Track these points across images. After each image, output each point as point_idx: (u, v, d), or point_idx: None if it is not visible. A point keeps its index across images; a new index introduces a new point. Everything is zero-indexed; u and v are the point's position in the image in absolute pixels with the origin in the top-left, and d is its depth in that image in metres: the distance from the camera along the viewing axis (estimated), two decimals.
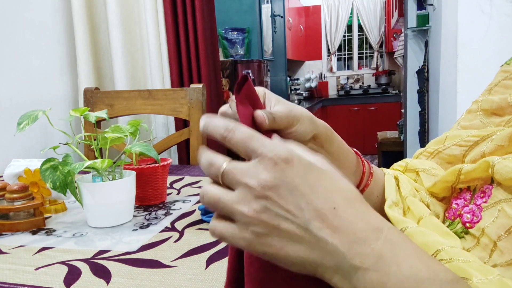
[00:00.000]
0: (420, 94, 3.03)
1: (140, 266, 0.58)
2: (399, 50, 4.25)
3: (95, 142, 0.80)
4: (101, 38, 1.71)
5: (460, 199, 0.42)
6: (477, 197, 0.40)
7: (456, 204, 0.42)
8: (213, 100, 1.77)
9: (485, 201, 0.39)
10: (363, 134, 5.58)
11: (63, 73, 1.61)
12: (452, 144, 0.46)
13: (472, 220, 0.39)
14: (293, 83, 5.48)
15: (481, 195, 0.40)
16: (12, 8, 1.37)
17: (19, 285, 0.54)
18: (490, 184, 0.39)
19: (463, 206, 0.41)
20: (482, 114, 0.47)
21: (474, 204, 0.40)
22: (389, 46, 5.57)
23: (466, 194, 0.42)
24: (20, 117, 0.74)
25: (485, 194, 0.39)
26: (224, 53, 2.91)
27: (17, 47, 1.39)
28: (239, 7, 3.00)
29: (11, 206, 0.75)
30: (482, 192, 0.40)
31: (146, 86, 1.76)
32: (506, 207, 0.36)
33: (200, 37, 1.69)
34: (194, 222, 0.75)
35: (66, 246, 0.67)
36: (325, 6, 5.91)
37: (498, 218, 0.36)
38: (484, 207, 0.39)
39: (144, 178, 0.84)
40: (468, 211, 0.40)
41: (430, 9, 2.74)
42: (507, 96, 0.44)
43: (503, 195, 0.37)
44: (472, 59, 1.85)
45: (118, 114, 1.43)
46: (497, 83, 0.47)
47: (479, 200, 0.40)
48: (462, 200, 0.42)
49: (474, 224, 0.39)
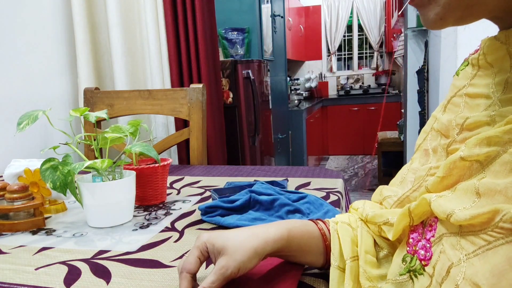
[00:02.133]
0: (420, 94, 3.03)
1: (140, 266, 0.58)
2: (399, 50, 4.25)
3: (95, 142, 0.80)
4: (101, 38, 1.71)
5: (416, 232, 0.42)
6: (426, 231, 0.41)
7: (412, 239, 0.43)
8: (213, 100, 1.78)
9: (433, 235, 0.39)
10: (363, 134, 5.58)
11: (63, 73, 1.61)
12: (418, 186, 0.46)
13: (425, 257, 0.39)
14: (293, 83, 5.48)
15: (429, 228, 0.40)
16: (12, 8, 1.37)
17: (19, 285, 0.54)
18: (436, 217, 0.39)
19: (417, 241, 0.42)
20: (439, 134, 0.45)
21: (425, 238, 0.40)
22: (389, 46, 5.57)
23: (419, 226, 0.42)
24: (20, 117, 0.74)
25: (432, 228, 0.40)
26: (224, 53, 2.91)
27: (17, 47, 1.39)
28: (239, 7, 3.00)
29: (11, 206, 0.75)
30: (429, 226, 0.40)
31: (146, 86, 1.76)
32: (445, 243, 0.36)
33: (200, 37, 1.69)
34: (194, 222, 0.75)
35: (66, 246, 0.67)
36: (325, 6, 5.91)
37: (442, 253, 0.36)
38: (433, 242, 0.39)
39: (144, 178, 0.85)
40: (421, 246, 0.41)
41: None
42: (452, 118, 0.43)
43: (443, 229, 0.37)
44: None
45: (118, 114, 1.43)
46: (449, 100, 0.45)
47: (429, 234, 0.40)
48: (416, 234, 0.42)
49: (428, 261, 0.39)
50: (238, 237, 0.47)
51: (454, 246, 0.35)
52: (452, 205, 0.36)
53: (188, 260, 0.47)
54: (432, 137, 0.48)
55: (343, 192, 0.95)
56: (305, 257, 0.51)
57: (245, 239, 0.46)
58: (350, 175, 4.69)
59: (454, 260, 0.34)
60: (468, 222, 0.33)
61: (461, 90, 0.44)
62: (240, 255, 0.45)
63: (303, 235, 0.50)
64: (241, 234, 0.47)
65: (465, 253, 0.33)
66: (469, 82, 0.43)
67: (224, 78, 2.40)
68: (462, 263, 0.33)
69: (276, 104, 3.57)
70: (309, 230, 0.51)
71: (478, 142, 0.35)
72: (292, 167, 1.16)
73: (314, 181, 1.00)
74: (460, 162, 0.37)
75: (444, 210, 0.36)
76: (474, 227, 0.33)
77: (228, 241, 0.46)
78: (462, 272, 0.33)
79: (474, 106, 0.41)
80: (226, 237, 0.47)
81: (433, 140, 0.47)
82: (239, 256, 0.45)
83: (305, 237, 0.50)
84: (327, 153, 5.81)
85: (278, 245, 0.48)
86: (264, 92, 2.96)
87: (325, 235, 0.52)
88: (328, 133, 5.73)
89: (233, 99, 2.42)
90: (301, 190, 0.91)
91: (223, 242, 0.46)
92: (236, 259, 0.45)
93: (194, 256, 0.47)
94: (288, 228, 0.49)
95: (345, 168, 5.06)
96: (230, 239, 0.46)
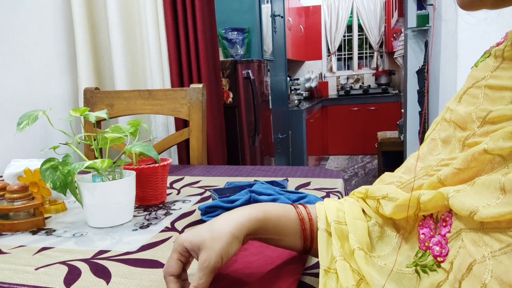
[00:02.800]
0: (420, 94, 3.03)
1: (140, 266, 0.58)
2: (399, 50, 4.25)
3: (95, 142, 0.80)
4: (101, 38, 1.71)
5: (426, 227, 0.42)
6: (440, 226, 0.40)
7: (423, 234, 0.42)
8: (213, 100, 1.78)
9: (448, 231, 0.38)
10: (363, 134, 5.58)
11: (63, 73, 1.61)
12: (424, 174, 0.44)
13: (441, 253, 0.39)
14: (293, 83, 5.48)
15: (443, 224, 0.39)
16: (12, 8, 1.37)
17: (19, 285, 0.54)
18: (450, 211, 0.39)
19: (430, 237, 0.41)
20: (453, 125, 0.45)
21: (440, 234, 0.40)
22: (389, 46, 5.57)
23: (429, 221, 0.41)
24: (20, 117, 0.74)
25: (447, 223, 0.39)
26: (224, 53, 2.91)
27: (17, 47, 1.39)
28: (239, 7, 3.00)
29: (11, 206, 0.75)
30: (443, 221, 0.39)
31: (146, 86, 1.76)
32: (466, 239, 0.35)
33: (200, 37, 1.69)
34: (194, 222, 0.75)
35: (66, 246, 0.67)
36: (325, 6, 5.91)
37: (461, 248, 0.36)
38: (449, 238, 0.38)
39: (144, 178, 0.84)
40: (436, 242, 0.40)
41: (430, 9, 2.74)
42: (471, 110, 0.42)
43: (462, 225, 0.36)
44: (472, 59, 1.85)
45: (118, 114, 1.43)
46: (466, 91, 0.45)
47: (443, 230, 0.39)
48: (428, 230, 0.41)
49: (444, 258, 0.38)
50: (213, 227, 0.47)
51: (476, 243, 0.34)
52: (473, 201, 0.35)
53: (169, 264, 0.47)
54: (442, 127, 0.47)
55: (343, 192, 0.95)
56: (283, 240, 0.51)
57: (220, 227, 0.46)
58: (350, 175, 4.69)
59: (477, 257, 0.33)
60: (495, 219, 0.33)
61: (480, 81, 0.43)
62: (219, 243, 0.45)
63: (279, 217, 0.50)
64: (216, 223, 0.47)
65: (490, 250, 0.32)
66: (490, 74, 0.42)
67: (224, 78, 2.40)
68: (487, 261, 0.32)
69: (276, 104, 3.57)
70: (286, 213, 0.51)
71: (504, 135, 0.35)
72: (292, 167, 1.16)
73: (314, 181, 1.00)
74: (481, 156, 0.36)
75: (466, 207, 0.35)
76: (500, 224, 0.33)
77: (204, 234, 0.46)
78: (489, 271, 0.32)
79: (496, 99, 0.40)
80: (201, 231, 0.47)
81: (443, 130, 0.46)
82: (218, 245, 0.45)
83: (282, 220, 0.50)
84: (327, 153, 5.81)
85: (254, 226, 0.48)
86: (264, 92, 2.96)
87: (304, 219, 0.51)
88: (328, 133, 5.73)
89: (233, 99, 2.42)
90: (301, 190, 0.91)
91: (200, 236, 0.46)
92: (216, 248, 0.45)
93: (174, 259, 0.47)
94: (263, 210, 0.49)
95: (345, 168, 5.06)
96: (205, 231, 0.47)
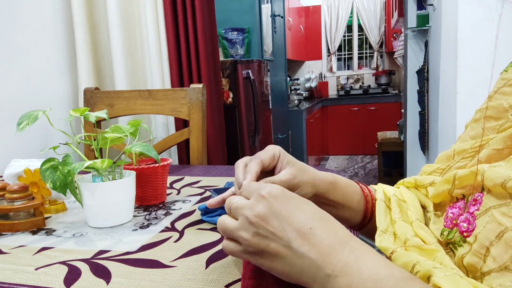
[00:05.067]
0: (420, 94, 3.03)
1: (140, 266, 0.58)
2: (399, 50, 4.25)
3: (95, 142, 0.80)
4: (101, 38, 1.71)
5: (455, 208, 0.44)
6: (469, 206, 0.42)
7: (452, 213, 0.44)
8: (213, 100, 1.78)
9: (477, 209, 0.40)
10: (363, 134, 5.58)
11: (63, 73, 1.61)
12: (461, 158, 0.48)
13: (468, 229, 0.41)
14: (293, 83, 5.48)
15: (473, 203, 0.41)
16: (12, 8, 1.37)
17: (19, 285, 0.54)
18: (481, 192, 0.41)
19: (458, 215, 0.43)
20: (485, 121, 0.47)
21: (468, 212, 0.41)
22: (389, 46, 5.57)
23: (460, 203, 0.44)
24: (20, 117, 0.74)
25: (476, 202, 0.41)
26: (224, 53, 2.91)
27: (17, 47, 1.39)
28: (239, 7, 3.00)
29: (11, 206, 0.75)
30: (474, 200, 0.41)
31: (146, 86, 1.76)
32: (495, 213, 0.37)
33: (200, 37, 1.69)
34: (194, 222, 0.75)
35: (66, 246, 0.67)
36: (325, 6, 5.91)
37: (488, 223, 0.37)
38: (477, 215, 0.40)
39: (144, 178, 0.84)
40: (463, 220, 0.42)
41: (430, 9, 2.74)
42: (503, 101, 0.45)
43: (492, 202, 0.38)
44: (472, 59, 1.85)
45: (118, 114, 1.43)
46: (496, 90, 0.48)
47: (472, 208, 0.41)
48: (457, 209, 0.44)
49: (470, 233, 0.40)
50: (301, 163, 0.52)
51: (505, 214, 0.36)
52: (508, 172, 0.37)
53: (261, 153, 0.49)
54: (471, 128, 0.50)
55: None
56: (345, 210, 0.54)
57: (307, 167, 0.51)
58: (350, 175, 4.69)
59: (509, 225, 0.35)
60: None
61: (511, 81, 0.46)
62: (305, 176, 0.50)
63: (347, 186, 0.54)
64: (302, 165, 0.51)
65: None
66: None
67: (224, 78, 2.40)
68: None
69: (276, 104, 3.57)
70: (352, 184, 0.55)
71: None
72: None
73: None
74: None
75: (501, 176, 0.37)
76: None
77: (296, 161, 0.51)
78: None
79: None
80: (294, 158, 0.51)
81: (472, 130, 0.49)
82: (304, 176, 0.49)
83: (349, 189, 0.54)
84: (327, 153, 5.81)
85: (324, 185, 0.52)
86: (264, 92, 2.96)
87: (366, 194, 0.55)
88: (328, 133, 5.73)
89: (233, 99, 2.42)
90: None
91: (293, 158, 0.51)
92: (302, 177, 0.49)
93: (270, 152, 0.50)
94: (333, 176, 0.53)
95: (345, 168, 5.06)
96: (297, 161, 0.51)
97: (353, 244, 0.37)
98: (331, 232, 0.38)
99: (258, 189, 0.41)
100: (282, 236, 0.38)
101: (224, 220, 0.42)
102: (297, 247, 0.37)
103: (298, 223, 0.38)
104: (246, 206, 0.40)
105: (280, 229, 0.38)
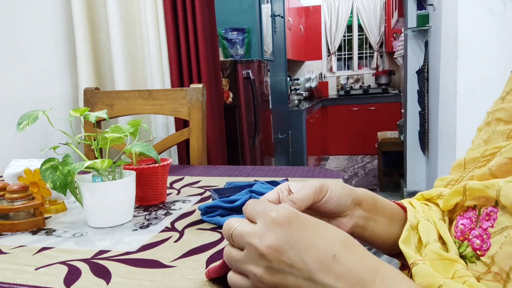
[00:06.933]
0: (420, 94, 3.03)
1: (140, 266, 0.58)
2: (399, 50, 4.25)
3: (95, 142, 0.79)
4: (101, 38, 1.71)
5: (466, 218, 0.42)
6: (482, 220, 0.39)
7: (463, 225, 0.41)
8: (213, 100, 1.78)
9: (491, 225, 0.38)
10: (363, 134, 5.58)
11: (63, 73, 1.61)
12: (473, 168, 0.45)
13: (481, 247, 0.38)
14: (293, 83, 5.48)
15: (486, 217, 0.39)
16: (12, 8, 1.37)
17: (19, 285, 0.54)
18: (495, 206, 0.38)
19: (470, 229, 0.40)
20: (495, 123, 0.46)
21: (481, 227, 0.39)
22: (389, 46, 5.57)
23: (471, 213, 0.41)
24: (20, 117, 0.74)
25: (490, 218, 0.38)
26: (224, 53, 2.91)
27: (17, 47, 1.39)
28: (239, 7, 3.00)
29: (11, 206, 0.75)
30: (487, 215, 0.39)
31: (146, 86, 1.76)
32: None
33: (200, 37, 1.69)
34: (194, 222, 0.75)
35: (66, 246, 0.67)
36: (325, 6, 5.92)
37: (504, 245, 0.35)
38: (492, 233, 0.37)
39: (144, 178, 0.84)
40: (476, 235, 0.39)
41: (430, 9, 2.74)
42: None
43: (509, 221, 0.36)
44: (472, 59, 1.85)
45: (118, 114, 1.43)
46: (509, 91, 0.46)
47: (485, 224, 0.39)
48: (468, 221, 0.41)
49: (484, 252, 0.38)
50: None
51: None
52: None
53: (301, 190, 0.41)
54: (484, 131, 0.48)
55: None
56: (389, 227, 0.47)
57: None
58: (350, 175, 4.69)
59: None
60: None
61: None
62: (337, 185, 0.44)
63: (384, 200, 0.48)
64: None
65: None
66: None
67: (224, 78, 2.40)
68: None
69: (276, 104, 3.57)
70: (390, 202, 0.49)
71: None
72: (292, 167, 1.16)
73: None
74: None
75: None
76: None
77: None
78: None
79: None
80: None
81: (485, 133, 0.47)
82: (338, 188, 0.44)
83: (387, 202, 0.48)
84: (327, 153, 5.81)
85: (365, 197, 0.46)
86: (264, 92, 2.96)
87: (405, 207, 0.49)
88: (328, 133, 5.73)
89: (233, 99, 2.42)
90: None
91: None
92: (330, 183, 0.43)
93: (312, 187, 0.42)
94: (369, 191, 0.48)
95: (345, 168, 5.06)
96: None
97: (383, 272, 0.33)
98: (358, 259, 0.34)
99: (266, 211, 0.35)
100: (301, 268, 0.33)
101: (228, 251, 0.38)
102: (321, 278, 0.33)
103: (320, 251, 0.33)
104: (253, 234, 0.35)
105: (298, 260, 0.33)
